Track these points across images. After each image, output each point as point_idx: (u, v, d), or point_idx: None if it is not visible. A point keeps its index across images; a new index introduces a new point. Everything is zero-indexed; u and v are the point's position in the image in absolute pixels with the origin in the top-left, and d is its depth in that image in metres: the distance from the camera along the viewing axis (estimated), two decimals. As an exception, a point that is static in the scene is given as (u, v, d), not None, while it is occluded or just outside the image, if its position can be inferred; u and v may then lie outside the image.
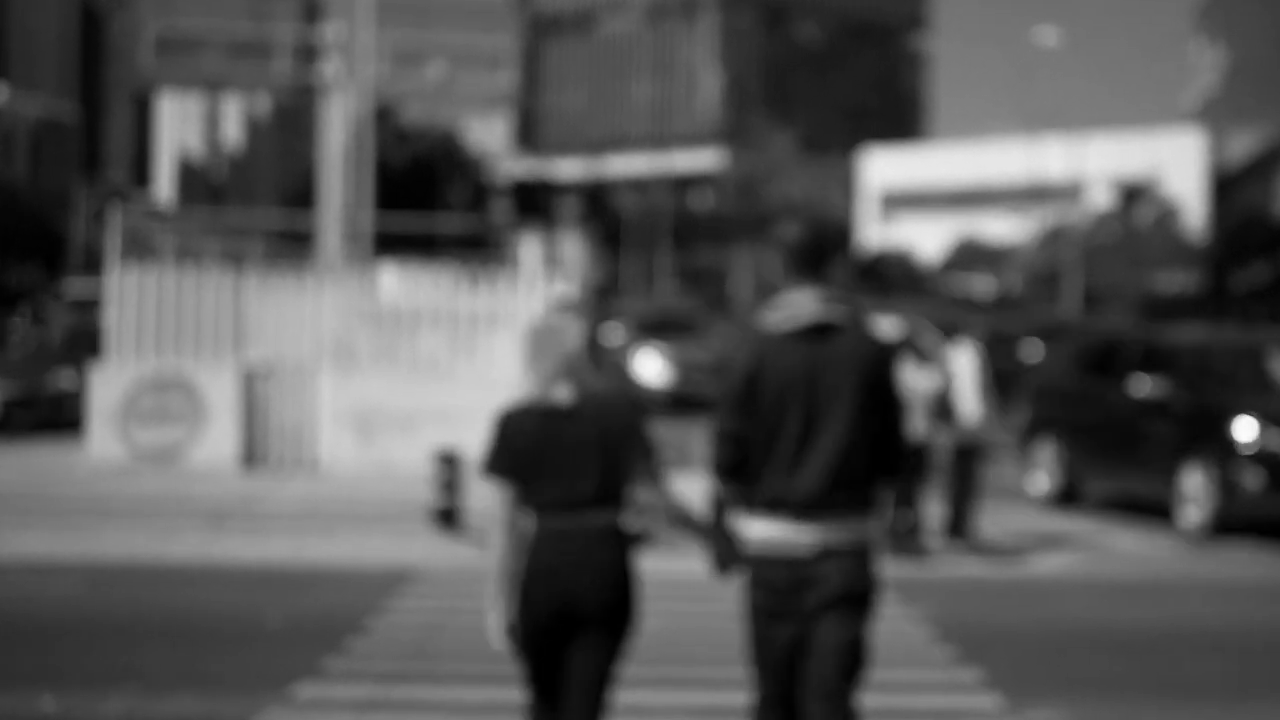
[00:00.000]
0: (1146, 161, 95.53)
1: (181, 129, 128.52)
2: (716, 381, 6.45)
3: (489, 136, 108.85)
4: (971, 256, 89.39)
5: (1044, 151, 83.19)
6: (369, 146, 42.54)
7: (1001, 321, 35.60)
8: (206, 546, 13.56)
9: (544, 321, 5.68)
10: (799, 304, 5.50)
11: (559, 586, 5.49)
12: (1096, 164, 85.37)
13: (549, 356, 5.59)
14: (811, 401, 5.43)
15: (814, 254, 5.54)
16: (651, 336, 31.55)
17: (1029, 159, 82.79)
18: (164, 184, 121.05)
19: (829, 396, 5.43)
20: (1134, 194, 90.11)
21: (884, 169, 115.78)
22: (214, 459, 19.25)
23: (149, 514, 15.27)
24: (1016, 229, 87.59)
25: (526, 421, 5.57)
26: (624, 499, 5.58)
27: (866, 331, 5.54)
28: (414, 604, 11.21)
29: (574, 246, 75.23)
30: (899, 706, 8.39)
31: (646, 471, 5.57)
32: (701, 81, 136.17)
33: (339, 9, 40.36)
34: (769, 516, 5.46)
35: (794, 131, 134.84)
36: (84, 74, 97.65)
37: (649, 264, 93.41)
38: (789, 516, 5.43)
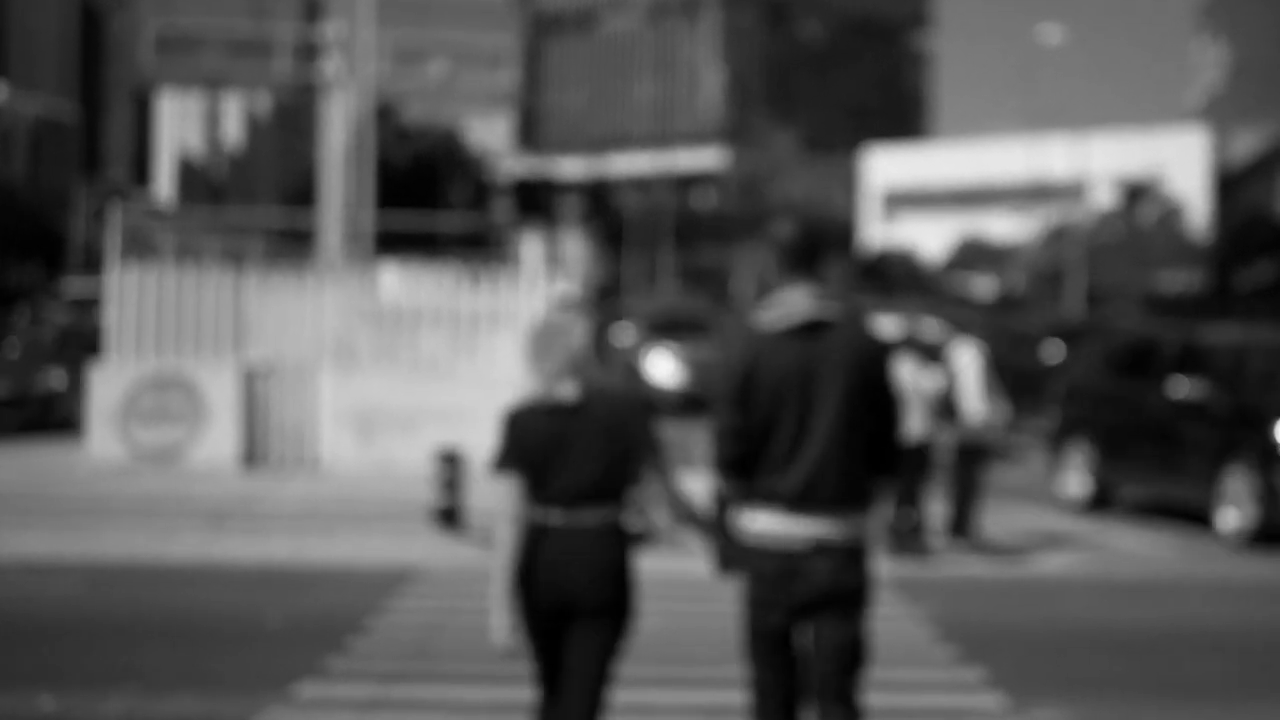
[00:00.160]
0: (1150, 160, 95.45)
1: (182, 128, 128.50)
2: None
3: (490, 135, 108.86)
4: (974, 256, 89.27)
5: (1047, 150, 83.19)
6: (370, 145, 42.52)
7: (1021, 322, 35.55)
8: (207, 546, 13.54)
9: (545, 320, 5.67)
10: (792, 302, 5.50)
11: (558, 582, 5.50)
12: (1100, 163, 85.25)
13: (553, 355, 5.58)
14: (805, 398, 5.43)
15: (806, 252, 5.53)
16: (663, 337, 31.46)
17: (1032, 158, 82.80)
18: (164, 183, 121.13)
19: (823, 393, 5.43)
20: (1137, 193, 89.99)
21: (886, 168, 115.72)
22: (214, 459, 19.22)
23: (149, 514, 15.25)
24: (1019, 228, 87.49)
25: (534, 419, 5.58)
26: (626, 497, 5.60)
27: (862, 328, 5.54)
28: (415, 603, 11.19)
29: (576, 246, 75.32)
30: (901, 705, 8.38)
31: (653, 466, 5.57)
32: (703, 80, 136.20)
33: (340, 7, 40.32)
34: (765, 510, 5.46)
35: (796, 130, 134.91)
36: (84, 73, 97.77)
37: (651, 263, 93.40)
38: (783, 509, 5.43)
